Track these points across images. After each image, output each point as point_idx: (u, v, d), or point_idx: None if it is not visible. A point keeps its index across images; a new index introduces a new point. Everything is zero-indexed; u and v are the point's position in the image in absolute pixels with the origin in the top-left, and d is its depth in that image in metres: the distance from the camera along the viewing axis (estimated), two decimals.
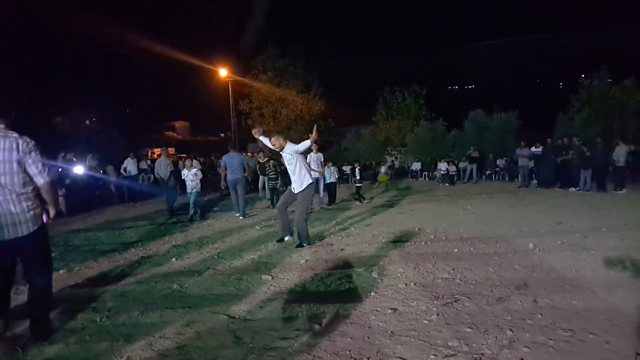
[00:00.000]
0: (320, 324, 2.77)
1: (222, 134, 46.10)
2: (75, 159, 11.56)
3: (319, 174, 8.35)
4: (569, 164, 11.23)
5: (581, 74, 21.83)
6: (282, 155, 5.18)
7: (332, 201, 9.54)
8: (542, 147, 12.81)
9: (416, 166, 19.60)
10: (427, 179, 18.55)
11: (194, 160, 12.29)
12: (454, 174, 15.78)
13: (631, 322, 2.61)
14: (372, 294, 3.33)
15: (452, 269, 3.91)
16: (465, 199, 10.03)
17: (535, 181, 13.07)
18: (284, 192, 5.71)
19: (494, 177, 16.59)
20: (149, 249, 5.40)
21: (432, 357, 2.28)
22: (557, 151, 11.93)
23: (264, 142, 5.35)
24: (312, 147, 5.25)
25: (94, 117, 41.63)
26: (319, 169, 8.38)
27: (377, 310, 2.98)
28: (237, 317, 2.96)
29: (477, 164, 15.90)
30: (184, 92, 47.53)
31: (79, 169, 10.75)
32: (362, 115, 26.96)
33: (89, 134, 30.30)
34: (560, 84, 38.58)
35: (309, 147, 5.06)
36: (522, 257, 4.25)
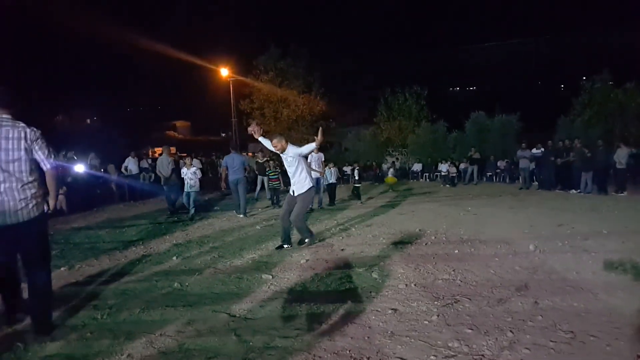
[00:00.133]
0: (320, 323, 2.77)
1: (223, 134, 46.06)
2: (76, 158, 11.59)
3: (319, 174, 8.37)
4: (569, 166, 11.22)
5: (583, 76, 21.80)
6: (283, 157, 5.02)
7: (332, 201, 9.57)
8: (543, 149, 12.81)
9: (417, 167, 19.62)
10: (428, 180, 18.55)
11: (194, 159, 12.34)
12: (454, 175, 15.78)
13: (632, 325, 2.61)
14: (373, 294, 3.33)
15: (453, 270, 3.91)
16: (466, 200, 10.03)
17: (536, 183, 13.06)
18: (285, 191, 5.70)
19: (494, 178, 16.58)
20: (149, 248, 5.41)
21: (432, 357, 2.28)
22: (558, 153, 11.92)
23: (264, 143, 5.20)
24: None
25: (95, 116, 41.76)
26: (320, 169, 8.41)
27: (377, 310, 2.98)
28: (237, 315, 2.96)
29: (478, 165, 15.91)
30: (185, 92, 47.47)
31: (79, 168, 10.77)
32: (363, 115, 27.01)
33: (89, 133, 30.39)
34: (561, 86, 38.57)
35: (312, 150, 4.94)
36: (522, 259, 4.25)
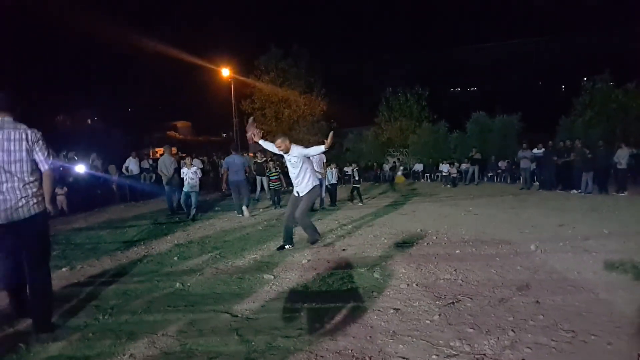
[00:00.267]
0: (322, 323, 2.77)
1: (224, 134, 46.06)
2: (77, 158, 11.61)
3: (321, 175, 8.37)
4: (570, 166, 11.22)
5: (584, 77, 21.79)
6: (287, 158, 4.85)
7: (334, 202, 9.58)
8: (544, 149, 12.80)
9: (418, 167, 19.62)
10: (429, 180, 18.55)
11: (195, 159, 12.35)
12: (455, 175, 15.78)
13: (633, 324, 2.61)
14: (374, 294, 3.33)
15: (454, 270, 3.91)
16: (467, 200, 10.03)
17: (537, 183, 13.05)
18: (287, 192, 5.67)
19: (495, 179, 16.59)
20: (151, 248, 5.41)
21: (434, 357, 2.29)
22: (559, 153, 11.92)
23: (266, 146, 5.06)
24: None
25: (96, 116, 41.79)
26: (321, 170, 8.40)
27: (379, 310, 2.99)
28: (239, 315, 2.96)
29: (479, 165, 15.91)
30: (186, 92, 47.41)
31: (80, 168, 10.79)
32: (365, 116, 26.99)
33: (90, 133, 30.44)
34: (562, 87, 38.53)
35: (320, 152, 4.79)
36: (524, 259, 4.25)
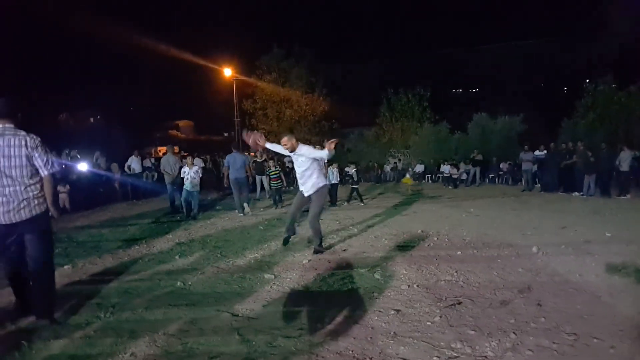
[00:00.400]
0: (323, 323, 2.77)
1: (225, 134, 46.05)
2: (79, 156, 11.64)
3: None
4: (572, 168, 11.19)
5: (586, 79, 21.73)
6: (294, 157, 4.76)
7: (334, 202, 9.57)
8: (546, 151, 12.77)
9: (419, 168, 19.59)
10: (430, 181, 18.53)
11: (196, 158, 12.37)
12: (456, 176, 15.75)
13: (636, 327, 2.60)
14: (375, 294, 3.33)
15: (455, 272, 3.90)
16: (468, 201, 10.01)
17: (538, 185, 13.01)
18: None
19: (497, 180, 16.53)
20: (152, 247, 5.42)
21: (435, 358, 2.28)
22: (560, 155, 11.89)
23: (273, 149, 4.97)
24: (317, 147, 5.09)
25: (98, 115, 41.91)
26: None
27: (379, 311, 2.98)
28: (240, 315, 2.97)
29: (480, 167, 15.87)
30: (188, 91, 47.48)
31: (83, 166, 10.82)
32: (366, 116, 26.95)
33: (93, 131, 30.52)
34: (564, 89, 38.41)
35: (323, 158, 4.73)
36: (525, 261, 4.24)
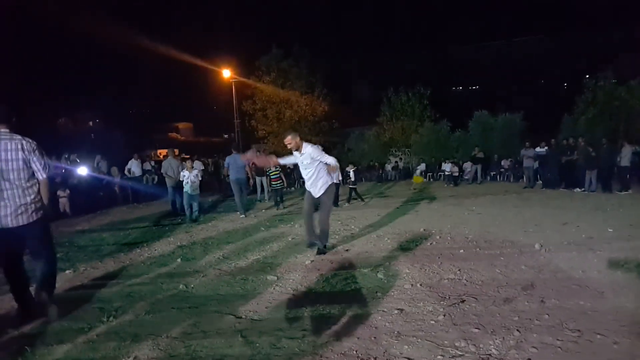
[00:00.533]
0: (326, 324, 2.76)
1: (225, 135, 46.10)
2: (78, 160, 11.65)
3: None
4: (574, 164, 11.17)
5: (586, 75, 21.67)
6: (299, 159, 4.67)
7: (336, 202, 9.56)
8: (547, 148, 12.75)
9: (420, 167, 19.59)
10: (431, 179, 18.53)
11: (196, 161, 12.37)
12: (457, 174, 15.74)
13: (639, 323, 2.59)
14: (378, 294, 3.32)
15: (458, 270, 3.89)
16: (470, 199, 9.99)
17: (540, 182, 12.99)
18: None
19: (498, 177, 16.53)
20: (154, 250, 5.42)
21: (439, 357, 2.28)
22: (562, 152, 11.87)
23: (287, 161, 4.93)
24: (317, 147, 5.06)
25: (98, 118, 41.96)
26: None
27: (383, 310, 2.98)
28: (243, 317, 2.96)
29: (481, 164, 15.86)
30: (187, 93, 47.53)
31: (82, 170, 10.83)
32: (366, 116, 26.94)
33: (92, 135, 30.57)
34: (565, 85, 38.32)
35: (331, 163, 4.59)
36: (528, 258, 4.23)
